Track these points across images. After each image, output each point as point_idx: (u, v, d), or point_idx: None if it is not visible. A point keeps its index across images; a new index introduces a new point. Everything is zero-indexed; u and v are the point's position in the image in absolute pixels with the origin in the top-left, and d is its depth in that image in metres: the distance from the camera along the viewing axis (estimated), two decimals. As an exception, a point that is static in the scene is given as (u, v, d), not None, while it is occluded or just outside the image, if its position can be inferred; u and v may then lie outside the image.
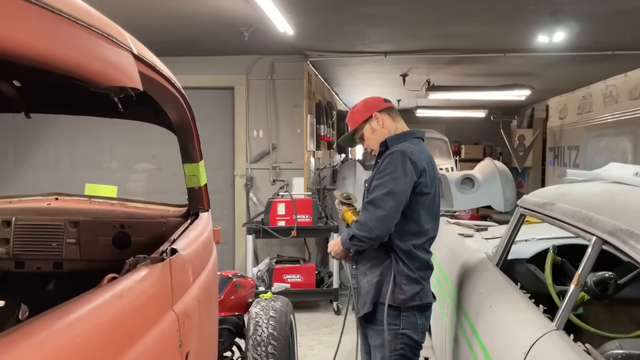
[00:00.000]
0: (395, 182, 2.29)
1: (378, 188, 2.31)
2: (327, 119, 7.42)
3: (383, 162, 2.38)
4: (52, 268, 2.35)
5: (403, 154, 2.33)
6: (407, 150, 2.36)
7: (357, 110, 2.60)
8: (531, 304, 1.97)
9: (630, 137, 6.72)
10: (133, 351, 0.99)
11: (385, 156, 2.38)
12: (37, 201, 2.48)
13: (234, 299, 2.98)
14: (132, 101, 1.28)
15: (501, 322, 2.08)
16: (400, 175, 2.30)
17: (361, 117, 2.57)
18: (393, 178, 2.29)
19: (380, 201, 2.28)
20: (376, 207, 2.28)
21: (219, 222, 5.19)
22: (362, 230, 2.31)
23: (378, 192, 2.30)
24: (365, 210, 2.34)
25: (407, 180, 2.30)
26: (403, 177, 2.30)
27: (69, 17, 0.85)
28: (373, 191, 2.33)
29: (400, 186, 2.29)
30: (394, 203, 2.28)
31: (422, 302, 2.40)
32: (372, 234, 2.28)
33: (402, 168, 2.31)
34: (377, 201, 2.29)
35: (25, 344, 0.70)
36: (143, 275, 1.15)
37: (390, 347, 2.37)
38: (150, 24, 4.74)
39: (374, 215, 2.28)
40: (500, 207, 7.27)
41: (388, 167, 2.32)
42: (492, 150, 12.48)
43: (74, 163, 6.25)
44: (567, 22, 4.54)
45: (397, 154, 2.34)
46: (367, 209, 2.32)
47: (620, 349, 1.57)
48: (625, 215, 1.60)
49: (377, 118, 2.53)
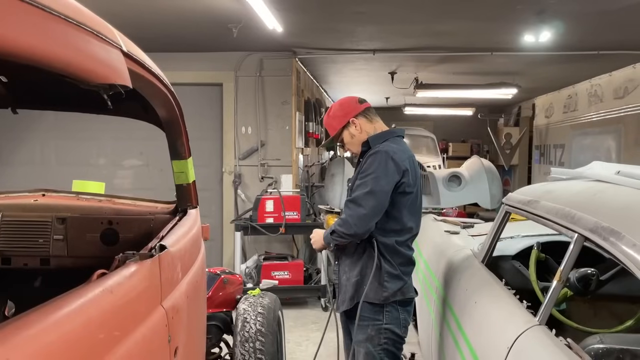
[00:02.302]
0: (377, 182, 2.33)
1: (360, 187, 2.35)
2: (316, 116, 7.43)
3: (366, 161, 2.41)
4: (39, 264, 2.34)
5: (386, 154, 2.36)
6: (390, 151, 2.39)
7: (334, 116, 2.59)
8: (515, 299, 2.00)
9: (614, 136, 6.82)
10: (123, 346, 1.00)
11: (368, 156, 2.41)
12: (24, 197, 2.47)
13: (222, 295, 2.99)
14: (121, 98, 1.29)
15: (486, 317, 2.12)
16: (382, 175, 2.33)
17: (338, 123, 2.56)
18: (375, 177, 2.33)
19: (362, 200, 2.32)
20: (357, 205, 2.32)
21: (207, 218, 5.19)
22: (342, 227, 2.35)
23: (360, 191, 2.34)
24: (347, 208, 2.37)
25: (389, 180, 2.34)
26: (385, 177, 2.33)
27: (59, 14, 0.86)
28: (355, 190, 2.37)
29: (382, 186, 2.33)
30: (375, 202, 2.32)
31: (405, 297, 2.44)
32: (351, 230, 2.32)
33: (384, 168, 2.34)
34: (358, 200, 2.33)
35: (17, 338, 0.70)
36: (132, 271, 1.16)
37: (374, 342, 2.39)
38: (139, 20, 4.72)
39: (355, 213, 2.32)
40: (487, 205, 7.33)
41: (371, 167, 2.36)
42: (479, 148, 12.57)
43: (61, 159, 6.20)
44: (553, 21, 4.59)
45: (381, 154, 2.37)
46: (349, 206, 2.36)
47: (601, 343, 1.61)
48: (606, 212, 1.63)
49: (355, 124, 2.54)
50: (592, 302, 2.52)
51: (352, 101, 2.62)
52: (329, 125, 2.61)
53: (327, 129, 2.64)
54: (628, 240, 1.41)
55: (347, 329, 2.60)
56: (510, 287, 2.19)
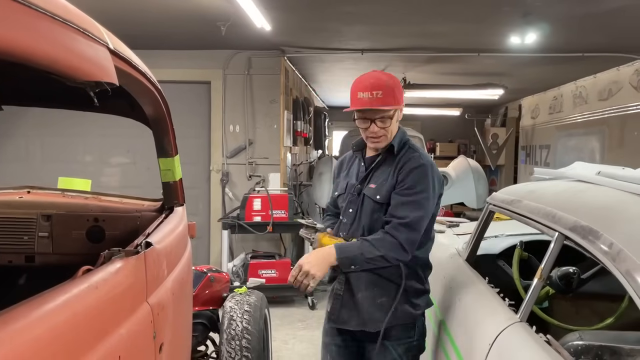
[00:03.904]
0: (428, 203, 2.06)
1: (412, 208, 2.02)
2: (304, 115, 7.44)
3: (409, 175, 2.06)
4: (24, 261, 2.33)
5: (432, 169, 2.09)
6: (432, 163, 2.12)
7: (399, 89, 2.12)
8: (497, 297, 2.03)
9: (598, 137, 6.90)
10: (108, 341, 1.01)
11: (413, 168, 2.06)
12: (9, 194, 2.46)
13: (209, 293, 2.99)
14: (107, 95, 1.29)
15: (469, 314, 2.15)
16: (431, 194, 2.07)
17: (400, 99, 2.11)
18: (426, 198, 2.05)
19: (417, 224, 2.02)
20: (412, 230, 2.01)
21: (194, 216, 5.18)
22: (392, 252, 2.00)
23: (414, 212, 2.02)
24: (397, 231, 2.01)
25: (436, 200, 2.11)
26: (433, 197, 2.08)
27: (46, 12, 0.86)
28: (404, 209, 2.02)
29: (431, 207, 2.09)
30: (424, 225, 2.07)
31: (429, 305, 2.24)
32: (405, 257, 2.02)
33: (432, 185, 2.08)
34: (414, 224, 2.02)
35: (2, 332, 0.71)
36: (118, 268, 1.16)
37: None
38: (126, 17, 4.69)
39: (410, 238, 2.01)
40: (473, 204, 7.40)
41: (420, 183, 2.05)
42: (466, 148, 12.66)
43: (46, 156, 6.15)
44: (539, 24, 4.65)
45: (427, 168, 2.07)
46: (400, 230, 2.00)
47: (581, 340, 1.64)
48: (586, 212, 1.67)
49: (402, 109, 2.16)
50: (573, 300, 2.56)
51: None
52: (389, 93, 2.05)
53: (385, 97, 2.04)
54: (605, 239, 1.44)
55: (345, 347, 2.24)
56: (494, 285, 2.22)
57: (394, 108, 2.07)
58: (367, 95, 2.04)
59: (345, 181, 2.24)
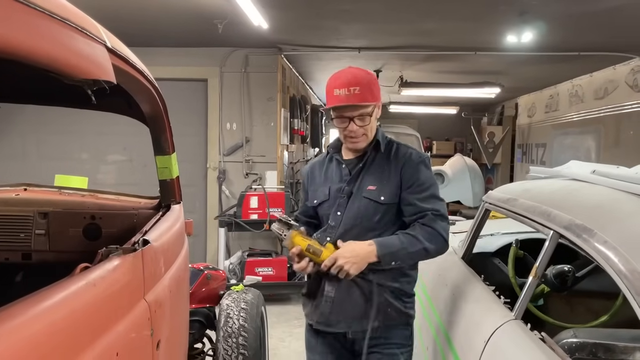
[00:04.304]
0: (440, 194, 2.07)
1: (435, 200, 2.00)
2: (301, 112, 7.44)
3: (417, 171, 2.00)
4: (20, 259, 2.33)
5: (429, 161, 2.10)
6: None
7: (376, 85, 2.04)
8: (493, 295, 2.05)
9: (594, 136, 6.93)
10: (106, 338, 1.02)
11: (417, 164, 2.02)
12: (6, 192, 2.45)
13: (205, 291, 3.00)
14: (105, 93, 1.30)
15: (464, 312, 2.16)
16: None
17: (378, 95, 2.04)
18: (438, 188, 2.07)
19: (446, 213, 2.02)
20: (445, 219, 1.99)
21: (191, 214, 5.18)
22: (434, 243, 1.94)
23: (440, 204, 2.00)
24: (434, 222, 1.95)
25: None
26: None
27: (44, 10, 0.87)
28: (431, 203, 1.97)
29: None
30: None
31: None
32: (444, 247, 1.98)
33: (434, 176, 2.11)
34: (445, 213, 2.00)
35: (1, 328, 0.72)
36: (115, 265, 1.17)
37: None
38: (123, 15, 4.68)
39: (447, 227, 1.98)
40: (469, 202, 7.44)
41: (430, 177, 2.04)
42: (462, 146, 12.70)
43: (43, 154, 6.13)
44: (535, 22, 4.66)
45: (427, 160, 2.07)
46: (437, 221, 1.95)
47: (575, 337, 1.65)
48: (580, 210, 1.68)
49: (379, 107, 2.07)
50: (568, 298, 2.58)
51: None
52: (367, 90, 1.97)
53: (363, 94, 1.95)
54: (599, 237, 1.45)
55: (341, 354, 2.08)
56: (490, 283, 2.24)
57: (372, 104, 1.98)
58: (344, 92, 1.95)
59: (327, 186, 2.09)
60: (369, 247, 1.89)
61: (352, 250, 1.90)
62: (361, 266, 1.87)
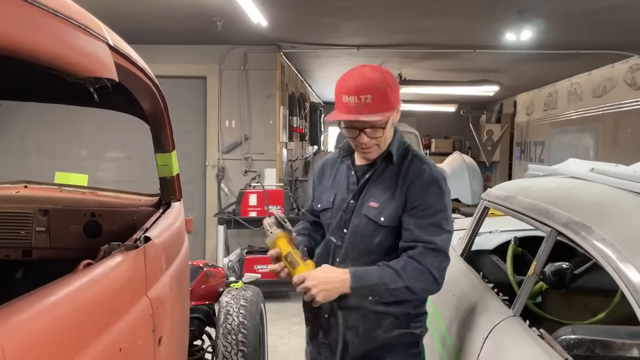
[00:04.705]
0: (449, 223, 1.76)
1: (436, 230, 1.71)
2: (300, 110, 7.45)
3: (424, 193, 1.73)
4: (21, 256, 2.33)
5: (445, 182, 1.78)
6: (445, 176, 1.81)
7: (393, 89, 1.72)
8: (492, 292, 2.06)
9: (592, 134, 6.95)
10: (109, 333, 1.03)
11: (427, 185, 1.74)
12: (6, 189, 2.46)
13: (205, 288, 3.01)
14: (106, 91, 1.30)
15: (463, 309, 2.17)
16: (450, 212, 1.77)
17: (395, 101, 1.73)
18: (448, 217, 1.75)
19: (446, 248, 1.74)
20: (441, 255, 1.72)
21: (190, 212, 5.18)
22: (421, 281, 1.68)
23: (440, 235, 1.71)
24: (424, 257, 1.69)
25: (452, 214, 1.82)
26: (450, 210, 1.79)
27: (47, 8, 0.87)
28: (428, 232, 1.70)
29: (452, 226, 1.79)
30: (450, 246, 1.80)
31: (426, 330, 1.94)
32: (434, 287, 1.72)
33: (448, 201, 1.77)
34: (443, 248, 1.72)
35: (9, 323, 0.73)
36: (118, 262, 1.18)
37: None
38: (122, 12, 4.68)
39: (442, 265, 1.72)
40: (468, 200, 7.45)
41: (439, 202, 1.73)
42: (461, 144, 12.72)
43: (42, 151, 6.13)
44: (534, 20, 4.67)
45: (441, 182, 1.76)
46: (428, 256, 1.69)
47: (573, 334, 1.66)
48: (578, 208, 1.69)
49: (398, 112, 1.78)
50: (567, 295, 2.59)
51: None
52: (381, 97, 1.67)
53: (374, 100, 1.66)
54: (598, 235, 1.47)
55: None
56: (489, 280, 2.25)
57: (386, 116, 1.69)
58: (353, 100, 1.65)
59: (332, 192, 1.87)
60: (343, 275, 1.68)
61: (325, 275, 1.68)
62: (330, 295, 1.67)
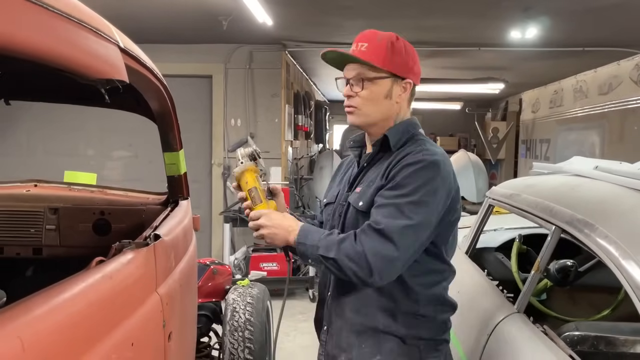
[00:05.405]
0: (424, 210, 1.44)
1: (392, 212, 1.43)
2: (305, 109, 7.47)
3: (400, 172, 1.48)
4: (31, 254, 2.37)
5: (435, 167, 1.48)
6: (439, 160, 1.50)
7: (397, 52, 1.57)
8: (496, 289, 2.08)
9: (598, 131, 6.92)
10: (121, 329, 1.06)
11: (407, 164, 1.48)
12: (16, 187, 2.50)
13: (212, 285, 3.04)
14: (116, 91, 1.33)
15: (468, 306, 2.19)
16: (432, 199, 1.45)
17: (394, 66, 1.56)
18: (421, 203, 1.43)
19: (396, 236, 1.40)
20: (385, 241, 1.41)
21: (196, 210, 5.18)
22: (353, 262, 1.41)
23: (394, 220, 1.42)
24: (365, 236, 1.43)
25: (439, 209, 1.47)
26: (435, 202, 1.45)
27: (61, 13, 0.90)
28: (381, 212, 1.45)
29: (428, 217, 1.45)
30: (414, 241, 1.44)
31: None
32: (369, 277, 1.41)
33: (433, 188, 1.45)
34: (390, 234, 1.41)
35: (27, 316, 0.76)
36: (130, 259, 1.21)
37: None
38: (129, 12, 4.71)
39: (382, 251, 1.40)
40: (473, 198, 7.45)
41: (412, 184, 1.45)
42: (466, 142, 12.69)
43: (49, 150, 6.18)
44: (539, 18, 4.67)
45: (430, 166, 1.47)
46: (369, 236, 1.43)
47: (577, 330, 1.68)
48: (582, 206, 1.71)
49: (405, 89, 1.60)
50: (571, 292, 2.60)
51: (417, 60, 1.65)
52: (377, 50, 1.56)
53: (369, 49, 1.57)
54: (601, 232, 1.48)
55: None
56: (493, 278, 2.27)
57: (376, 68, 1.54)
58: (352, 48, 1.59)
59: (338, 189, 1.74)
60: (295, 226, 1.55)
61: (280, 220, 1.58)
62: (276, 240, 1.57)
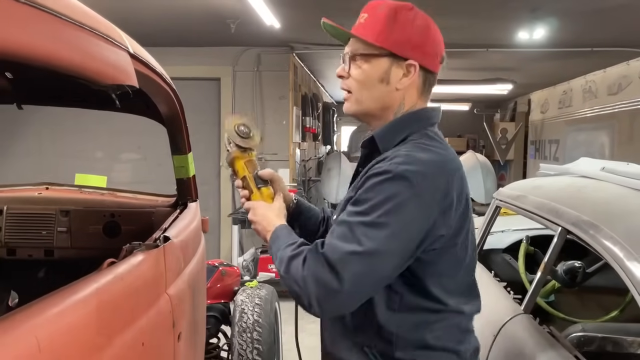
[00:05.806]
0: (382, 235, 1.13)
1: (345, 234, 1.15)
2: (313, 110, 7.49)
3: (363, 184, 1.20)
4: (43, 255, 2.41)
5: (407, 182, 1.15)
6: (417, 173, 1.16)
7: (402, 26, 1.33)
8: (503, 290, 2.08)
9: (607, 132, 6.89)
10: (132, 329, 1.08)
11: (371, 175, 1.19)
12: (28, 190, 2.54)
13: (220, 287, 3.06)
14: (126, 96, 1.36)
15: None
16: (393, 220, 1.13)
17: (395, 41, 1.31)
18: (376, 225, 1.13)
19: (339, 263, 1.12)
20: (328, 268, 1.13)
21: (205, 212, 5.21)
22: (296, 285, 1.18)
23: (342, 243, 1.14)
24: (312, 259, 1.16)
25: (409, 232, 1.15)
26: (399, 224, 1.13)
27: (73, 21, 0.92)
28: (336, 233, 1.18)
29: (390, 244, 1.13)
30: (365, 272, 1.12)
31: None
32: (308, 305, 1.17)
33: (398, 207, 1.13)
34: (332, 261, 1.13)
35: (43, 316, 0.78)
36: (140, 260, 1.23)
37: None
38: (137, 15, 4.76)
39: (323, 279, 1.13)
40: (481, 199, 7.43)
41: (374, 198, 1.16)
42: (475, 142, 12.66)
43: (58, 152, 6.24)
44: (547, 19, 4.66)
45: (399, 179, 1.15)
46: (315, 259, 1.16)
47: (583, 331, 1.69)
48: (588, 207, 1.71)
49: (409, 72, 1.32)
50: (579, 293, 2.60)
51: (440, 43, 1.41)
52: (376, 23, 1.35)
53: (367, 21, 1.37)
54: (606, 233, 1.49)
55: None
56: (500, 279, 2.27)
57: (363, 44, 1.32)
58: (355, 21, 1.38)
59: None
60: (273, 225, 1.36)
61: (262, 215, 1.41)
62: (261, 236, 1.41)
